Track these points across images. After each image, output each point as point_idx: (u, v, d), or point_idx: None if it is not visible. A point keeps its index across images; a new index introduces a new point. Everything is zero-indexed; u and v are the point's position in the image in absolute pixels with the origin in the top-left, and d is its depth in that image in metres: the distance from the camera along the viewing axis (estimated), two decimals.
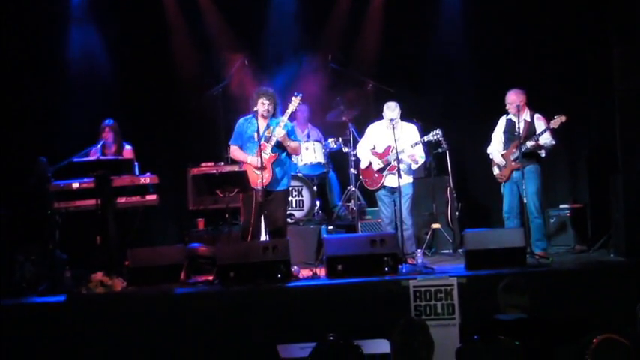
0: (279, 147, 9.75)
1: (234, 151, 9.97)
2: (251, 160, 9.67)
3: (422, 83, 12.69)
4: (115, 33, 12.57)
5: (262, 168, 9.49)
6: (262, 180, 9.50)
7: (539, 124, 10.21)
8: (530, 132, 10.18)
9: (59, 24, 12.36)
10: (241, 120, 10.02)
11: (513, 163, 10.19)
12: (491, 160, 10.55)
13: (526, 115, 10.28)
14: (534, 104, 10.42)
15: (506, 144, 10.41)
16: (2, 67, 11.56)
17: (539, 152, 10.23)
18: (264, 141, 9.63)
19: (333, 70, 12.33)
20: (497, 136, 10.58)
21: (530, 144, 10.07)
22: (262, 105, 9.70)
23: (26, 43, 11.91)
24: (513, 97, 10.26)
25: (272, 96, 9.79)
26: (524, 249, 9.30)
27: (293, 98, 9.81)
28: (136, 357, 8.44)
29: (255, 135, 9.59)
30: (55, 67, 12.26)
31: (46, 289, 9.53)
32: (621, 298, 8.40)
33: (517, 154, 10.01)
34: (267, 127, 9.75)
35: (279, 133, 9.62)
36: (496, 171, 10.47)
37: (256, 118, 9.69)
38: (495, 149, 10.53)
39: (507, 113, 10.40)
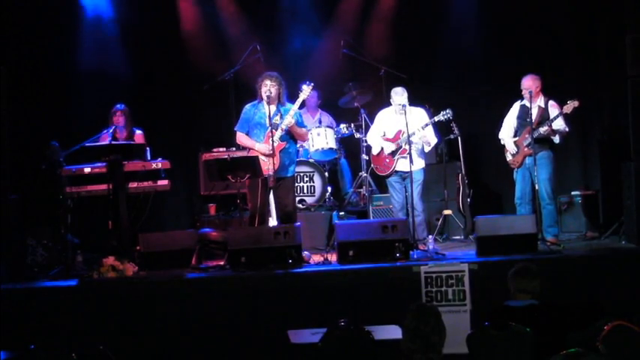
0: (287, 135, 9.75)
1: (241, 137, 9.94)
2: (259, 147, 9.66)
3: (434, 69, 12.66)
4: (127, 18, 12.54)
5: (272, 155, 9.48)
6: (273, 165, 9.49)
7: (553, 110, 10.19)
8: (544, 118, 10.17)
9: (72, 8, 12.33)
10: (248, 106, 10.00)
11: (526, 149, 10.17)
12: (504, 146, 10.53)
13: (540, 101, 10.27)
14: (547, 90, 10.40)
15: (519, 130, 10.39)
16: (14, 50, 11.56)
17: (552, 138, 10.19)
18: (272, 128, 9.60)
19: (346, 56, 12.29)
20: (510, 121, 10.55)
21: (543, 129, 10.05)
22: (264, 86, 9.68)
23: (39, 27, 11.89)
24: (529, 83, 10.23)
25: (276, 79, 9.75)
26: (536, 235, 9.33)
27: (304, 87, 9.79)
28: (147, 342, 8.45)
29: (267, 120, 9.58)
30: (67, 51, 12.25)
31: (57, 274, 9.56)
32: (633, 284, 8.43)
33: (529, 139, 10.00)
34: (276, 113, 9.73)
35: (288, 122, 9.61)
36: (509, 157, 10.45)
37: (269, 104, 9.66)
38: (507, 135, 10.52)
39: (522, 98, 10.36)
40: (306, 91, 9.77)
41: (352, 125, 11.99)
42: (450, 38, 12.52)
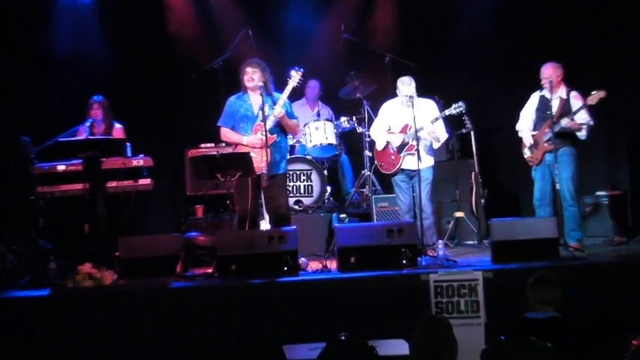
0: (277, 127, 9.68)
1: (226, 133, 9.88)
2: (248, 139, 9.59)
3: (445, 56, 12.65)
4: (106, 1, 12.52)
5: (265, 145, 9.42)
6: (267, 161, 9.42)
7: (576, 102, 10.10)
8: (566, 110, 10.08)
9: None
10: (232, 98, 9.95)
11: (546, 145, 10.10)
12: (522, 140, 10.46)
13: (562, 92, 10.19)
14: (570, 80, 10.33)
15: (539, 123, 10.31)
16: None
17: (577, 133, 10.10)
18: (260, 120, 9.55)
19: (347, 42, 12.27)
20: (528, 113, 10.47)
21: (564, 122, 9.96)
22: (246, 75, 9.66)
23: (6, 9, 11.86)
24: (550, 72, 10.16)
25: (257, 65, 9.71)
26: (557, 240, 9.29)
27: (292, 73, 9.70)
28: (127, 358, 8.41)
29: (256, 109, 9.57)
30: (39, 36, 12.22)
31: (28, 283, 9.49)
32: None
33: (550, 134, 9.93)
34: (262, 105, 9.66)
35: (278, 112, 9.55)
36: (527, 153, 10.39)
37: (254, 92, 9.65)
38: (525, 127, 10.44)
39: (541, 89, 10.29)
40: (295, 77, 9.69)
41: (354, 118, 12.00)
42: (463, 22, 12.52)
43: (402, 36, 12.62)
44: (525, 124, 10.46)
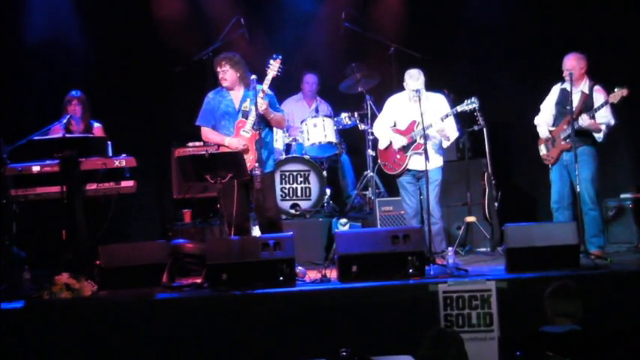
0: (261, 121, 9.69)
1: (207, 133, 9.93)
2: (230, 141, 9.63)
3: (454, 47, 12.68)
4: None
5: (247, 150, 9.50)
6: (256, 160, 9.46)
7: (599, 97, 10.12)
8: (587, 106, 10.10)
9: None
10: (210, 94, 10.00)
11: (563, 142, 10.14)
12: (538, 136, 10.49)
13: (584, 85, 10.22)
14: (594, 74, 10.33)
15: (558, 118, 10.34)
16: None
17: (594, 134, 10.14)
18: (242, 116, 9.61)
19: (348, 31, 12.30)
20: (548, 106, 10.50)
21: (582, 122, 9.97)
22: (218, 74, 9.73)
23: None
24: (573, 63, 10.17)
25: (228, 60, 9.77)
26: (578, 247, 9.29)
27: (271, 62, 9.66)
28: None
29: (244, 107, 9.63)
30: (11, 24, 12.24)
31: (0, 294, 9.51)
32: None
33: (568, 131, 9.96)
34: (244, 99, 9.72)
35: (260, 104, 9.54)
36: (543, 151, 10.43)
37: (230, 90, 9.73)
38: (543, 120, 10.47)
39: (563, 81, 10.29)
40: (274, 66, 9.66)
41: (355, 114, 12.02)
42: (474, 8, 12.53)
43: (407, 24, 12.65)
44: (544, 118, 10.49)
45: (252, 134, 9.58)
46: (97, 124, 11.01)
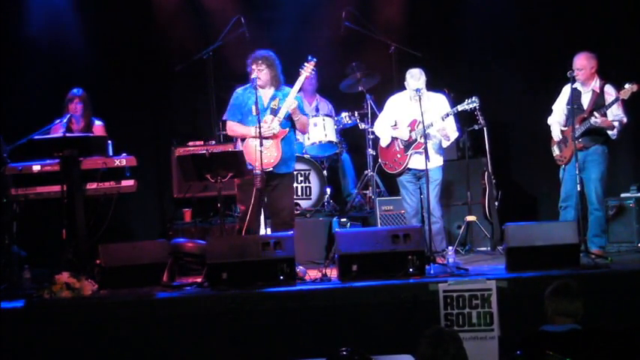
0: (288, 121, 9.73)
1: (233, 127, 9.93)
2: (255, 131, 9.56)
3: (455, 46, 12.67)
4: None
5: (275, 135, 9.52)
6: (278, 154, 9.47)
7: (609, 95, 10.08)
8: (598, 104, 10.07)
9: None
10: (239, 90, 9.99)
11: (575, 142, 10.09)
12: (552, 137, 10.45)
13: (595, 84, 10.18)
14: (603, 73, 10.27)
15: (570, 118, 10.29)
16: None
17: (609, 132, 10.10)
18: (270, 113, 9.61)
19: (348, 30, 12.29)
20: (560, 106, 10.45)
21: (594, 120, 9.92)
22: (252, 72, 9.68)
23: None
24: (584, 63, 10.13)
25: (265, 60, 9.74)
26: (578, 246, 9.27)
27: (306, 64, 9.77)
28: None
29: (254, 108, 9.56)
30: (11, 22, 12.22)
31: (0, 293, 9.50)
32: None
33: (580, 130, 9.92)
34: (273, 98, 9.72)
35: (291, 103, 9.57)
36: (556, 151, 10.38)
37: (255, 88, 9.66)
38: (556, 121, 10.44)
39: (573, 81, 10.24)
40: (308, 67, 9.76)
41: (356, 114, 12.01)
42: (475, 9, 12.50)
43: (408, 23, 12.63)
44: (556, 118, 10.46)
45: (280, 131, 9.60)
46: (98, 122, 11.00)
